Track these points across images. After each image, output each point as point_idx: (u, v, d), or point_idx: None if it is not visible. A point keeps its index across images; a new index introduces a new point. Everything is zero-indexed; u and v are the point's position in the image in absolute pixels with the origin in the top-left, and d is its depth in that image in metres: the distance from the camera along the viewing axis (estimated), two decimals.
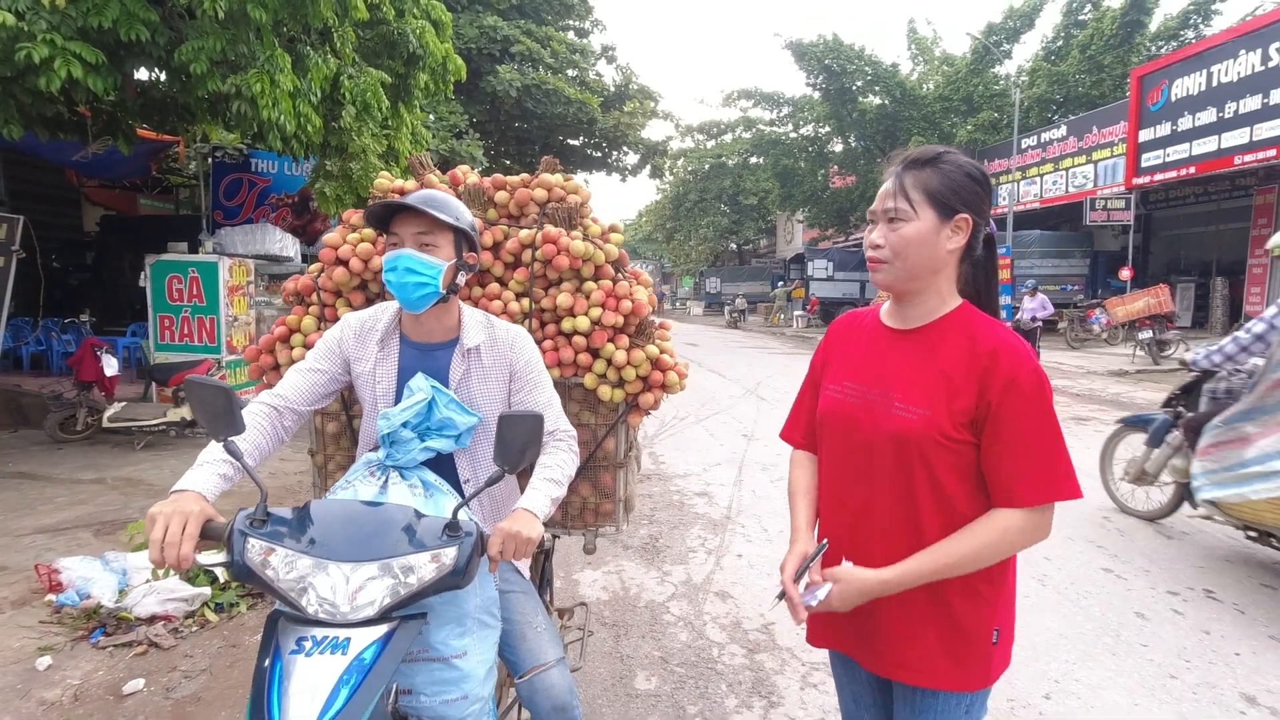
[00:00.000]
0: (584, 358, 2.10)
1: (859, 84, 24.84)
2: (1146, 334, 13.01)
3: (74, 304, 10.22)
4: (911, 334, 1.33)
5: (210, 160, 11.30)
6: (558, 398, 1.78)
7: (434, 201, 1.60)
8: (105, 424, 6.30)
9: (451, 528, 1.31)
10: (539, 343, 2.08)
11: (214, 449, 1.42)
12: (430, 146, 9.99)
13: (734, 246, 46.50)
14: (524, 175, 2.30)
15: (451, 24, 8.66)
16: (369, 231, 2.18)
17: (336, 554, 1.24)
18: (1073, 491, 1.23)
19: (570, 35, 16.86)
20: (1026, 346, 1.24)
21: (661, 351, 2.11)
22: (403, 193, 2.22)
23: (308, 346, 2.07)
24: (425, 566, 1.26)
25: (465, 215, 1.68)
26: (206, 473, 1.39)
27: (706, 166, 36.56)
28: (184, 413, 6.40)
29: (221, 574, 3.65)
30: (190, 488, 1.34)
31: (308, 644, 1.18)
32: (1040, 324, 12.69)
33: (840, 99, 25.08)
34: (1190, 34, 20.61)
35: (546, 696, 1.59)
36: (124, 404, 6.51)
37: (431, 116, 12.13)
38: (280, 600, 1.23)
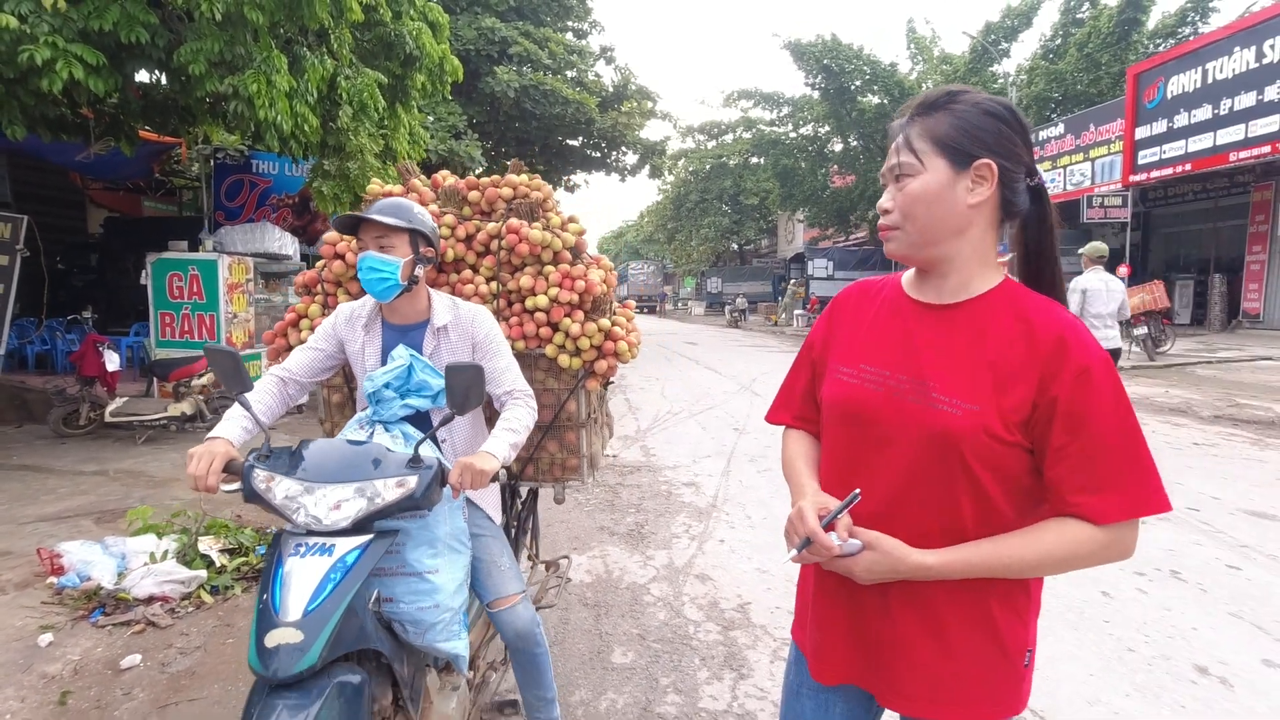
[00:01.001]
0: (545, 331, 2.39)
1: (858, 84, 24.94)
2: (1141, 330, 13.07)
3: (78, 305, 10.36)
4: (947, 310, 1.12)
5: (212, 162, 11.45)
6: (515, 363, 2.07)
7: (388, 209, 1.92)
8: (107, 419, 6.44)
9: (414, 460, 1.62)
10: (506, 319, 2.41)
11: (238, 406, 1.78)
12: (428, 147, 10.12)
13: (735, 246, 46.56)
14: (494, 176, 2.63)
15: (449, 26, 8.77)
16: None
17: (321, 479, 1.57)
18: (1161, 504, 1.02)
19: (569, 36, 16.96)
20: (1090, 332, 1.06)
21: (613, 325, 2.42)
22: (390, 196, 2.51)
23: (314, 329, 2.39)
24: (391, 489, 1.56)
25: (418, 217, 1.97)
26: (232, 424, 1.76)
27: (707, 167, 36.63)
28: (184, 408, 6.53)
29: (219, 558, 3.79)
30: (220, 435, 1.72)
31: (302, 548, 1.51)
32: None
33: (839, 99, 25.19)
34: (1188, 31, 20.64)
35: (511, 625, 1.95)
36: (126, 399, 6.63)
37: (430, 117, 12.24)
38: (279, 516, 1.56)
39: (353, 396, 2.48)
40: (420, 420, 1.96)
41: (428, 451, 1.66)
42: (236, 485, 1.62)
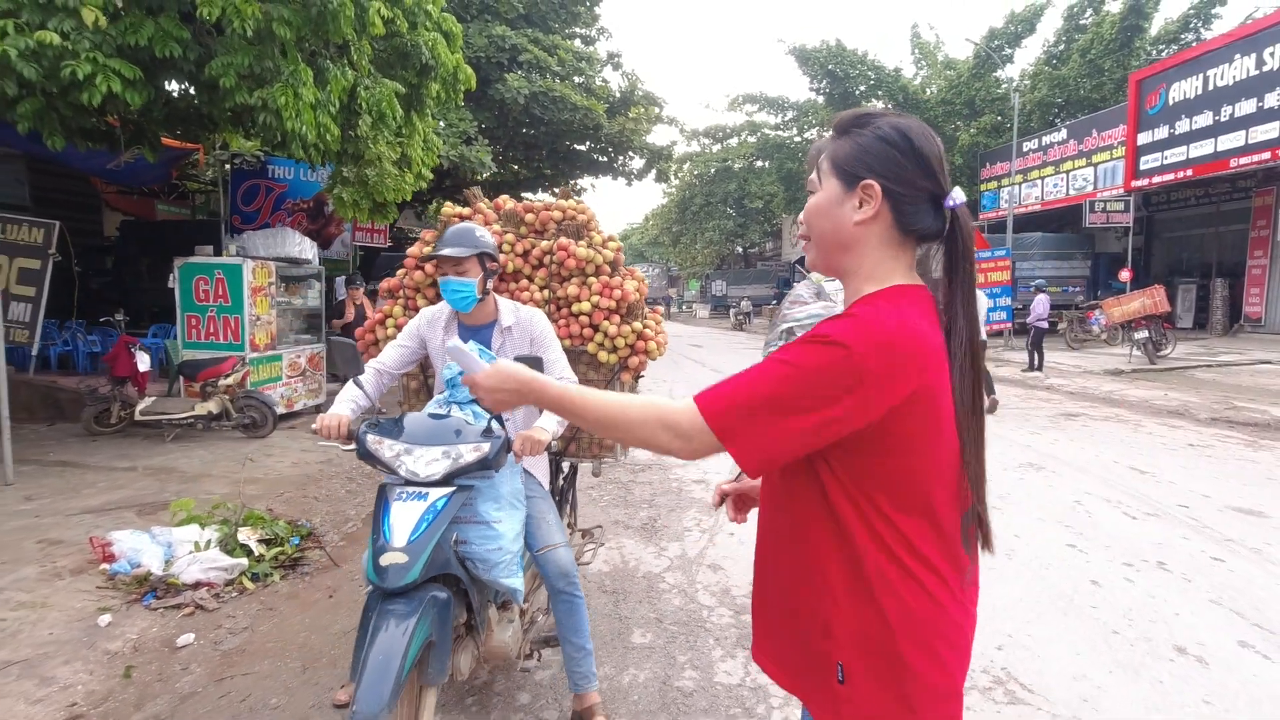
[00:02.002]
0: (587, 331, 2.90)
1: (862, 89, 25.18)
2: (1142, 334, 13.22)
3: (94, 307, 10.60)
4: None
5: (229, 167, 11.71)
6: (564, 356, 2.57)
7: (455, 240, 2.41)
8: (137, 417, 6.67)
9: (486, 431, 2.12)
10: (555, 322, 2.89)
11: (348, 389, 2.36)
12: (441, 153, 10.35)
13: (739, 249, 46.77)
14: (545, 200, 3.17)
15: (461, 35, 8.99)
16: None
17: (418, 442, 2.05)
18: (733, 431, 1.03)
19: (577, 43, 17.19)
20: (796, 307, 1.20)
21: (644, 327, 2.91)
22: (461, 218, 3.11)
23: (398, 327, 2.95)
24: (469, 453, 2.04)
25: (480, 239, 2.44)
26: (344, 404, 2.32)
27: (712, 170, 36.89)
28: (211, 407, 6.77)
29: (257, 548, 4.01)
30: (337, 411, 2.26)
31: (404, 495, 2.00)
32: (1046, 325, 12.85)
33: (844, 103, 25.37)
34: (1190, 37, 20.81)
35: (555, 566, 2.41)
36: (154, 398, 6.87)
37: (442, 123, 12.47)
38: (385, 470, 2.05)
39: (427, 384, 3.02)
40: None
41: (496, 426, 2.18)
42: (351, 446, 2.14)
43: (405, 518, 1.93)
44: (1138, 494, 5.21)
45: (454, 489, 2.02)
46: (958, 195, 1.12)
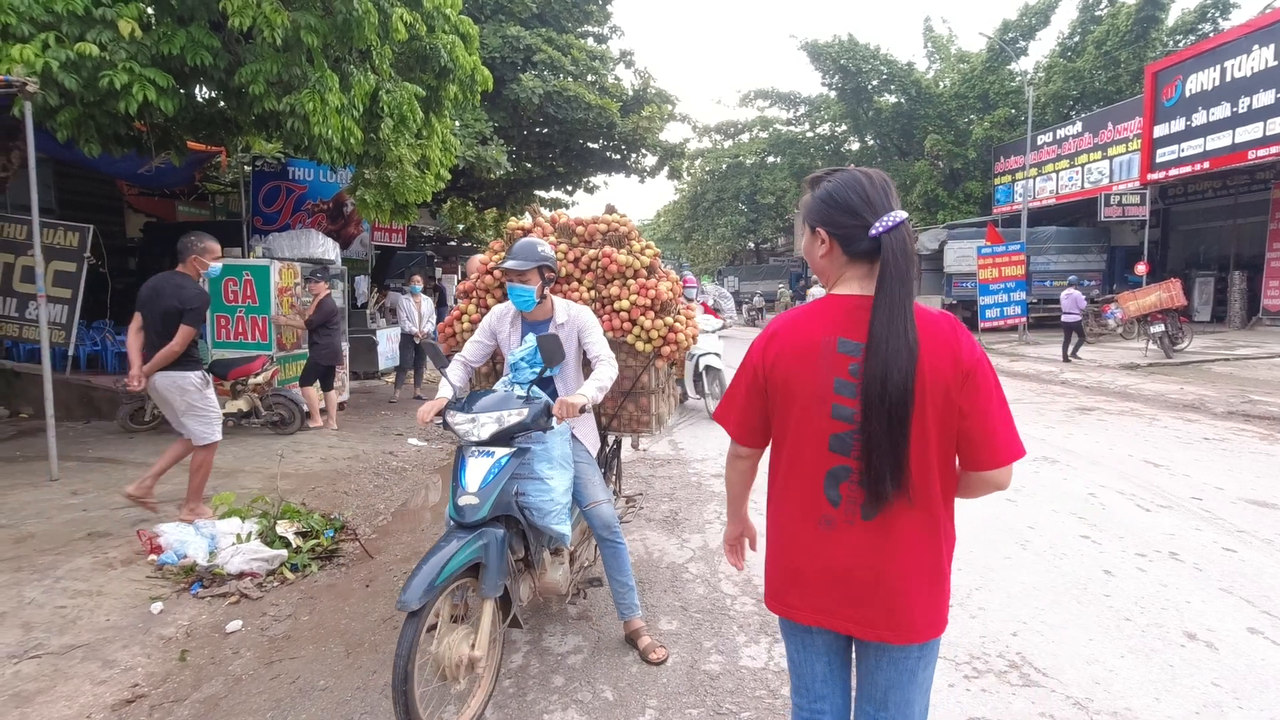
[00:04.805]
0: (626, 325, 3.44)
1: (874, 83, 25.12)
2: (1158, 328, 13.19)
3: (119, 308, 10.81)
4: None
5: (250, 169, 11.91)
6: (607, 343, 3.10)
7: (519, 255, 2.94)
8: None
9: (526, 399, 2.69)
10: (600, 317, 3.39)
11: (443, 384, 2.93)
12: (458, 154, 10.49)
13: (752, 245, 46.73)
14: (594, 215, 3.75)
15: (478, 36, 9.13)
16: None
17: (480, 412, 2.64)
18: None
19: (589, 41, 17.28)
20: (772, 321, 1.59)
21: (675, 321, 3.44)
22: (525, 230, 3.70)
23: (473, 322, 3.62)
24: (513, 416, 2.61)
25: (540, 253, 2.95)
26: (444, 388, 2.90)
27: (724, 166, 36.86)
28: (241, 405, 6.96)
29: (294, 540, 4.17)
30: (441, 395, 2.84)
31: (475, 453, 2.57)
32: (1075, 317, 13.10)
33: (856, 98, 25.37)
34: (1207, 28, 20.63)
35: (599, 519, 2.98)
36: None
37: (458, 124, 12.63)
38: (460, 436, 2.62)
39: (495, 369, 3.62)
40: (543, 382, 2.92)
41: (536, 394, 2.76)
42: (439, 419, 2.76)
43: (477, 470, 2.51)
44: (1151, 486, 5.28)
45: (514, 449, 2.57)
46: (892, 218, 1.42)
